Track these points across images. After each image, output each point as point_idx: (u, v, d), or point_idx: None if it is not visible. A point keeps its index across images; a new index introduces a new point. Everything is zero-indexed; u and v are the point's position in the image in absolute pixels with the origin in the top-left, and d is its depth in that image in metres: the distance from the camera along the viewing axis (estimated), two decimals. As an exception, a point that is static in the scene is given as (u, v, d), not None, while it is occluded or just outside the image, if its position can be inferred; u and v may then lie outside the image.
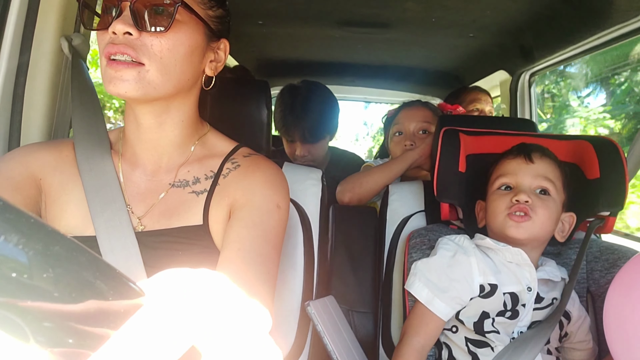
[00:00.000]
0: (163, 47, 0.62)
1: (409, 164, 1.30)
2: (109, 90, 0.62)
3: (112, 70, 0.61)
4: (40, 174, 0.69)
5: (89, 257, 0.19)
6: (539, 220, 0.85)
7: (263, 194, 0.70)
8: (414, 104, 1.45)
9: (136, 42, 0.61)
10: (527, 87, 1.91)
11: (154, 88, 0.63)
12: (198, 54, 0.68)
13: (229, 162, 0.75)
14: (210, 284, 0.21)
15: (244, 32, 1.83)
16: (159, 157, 0.73)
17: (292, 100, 1.49)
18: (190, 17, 0.65)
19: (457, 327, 0.90)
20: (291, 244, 0.98)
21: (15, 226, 0.17)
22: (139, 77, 0.61)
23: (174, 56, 0.63)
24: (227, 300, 0.21)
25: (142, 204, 0.71)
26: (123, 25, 0.60)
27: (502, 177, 0.91)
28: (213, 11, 0.69)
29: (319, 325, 0.92)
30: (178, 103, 0.70)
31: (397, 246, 1.09)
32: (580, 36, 1.39)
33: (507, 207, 0.87)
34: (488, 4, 1.39)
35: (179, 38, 0.63)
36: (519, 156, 0.91)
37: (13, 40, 0.89)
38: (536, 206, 0.85)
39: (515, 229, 0.85)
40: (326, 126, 1.53)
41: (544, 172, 0.89)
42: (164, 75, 0.63)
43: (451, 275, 0.87)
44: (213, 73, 0.73)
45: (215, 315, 0.20)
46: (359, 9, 1.53)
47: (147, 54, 0.61)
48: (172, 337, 0.19)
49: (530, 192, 0.87)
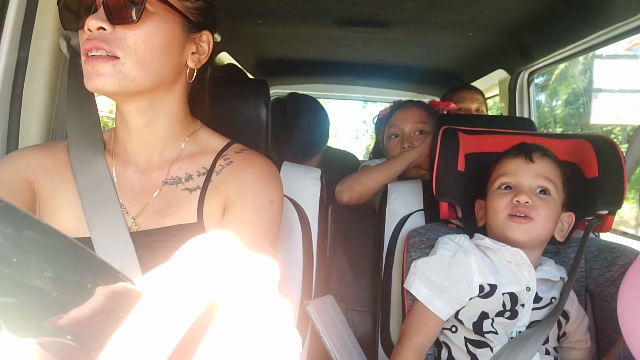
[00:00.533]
0: (137, 39, 0.62)
1: (408, 163, 1.31)
2: (87, 87, 0.62)
3: (88, 66, 0.61)
4: (32, 177, 0.69)
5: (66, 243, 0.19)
6: (540, 222, 0.85)
7: (256, 190, 0.70)
8: (407, 105, 1.44)
9: (110, 37, 0.61)
10: (526, 86, 1.91)
11: (131, 81, 0.62)
12: (176, 46, 0.67)
13: (222, 159, 0.75)
14: (211, 243, 0.21)
15: (243, 31, 1.83)
16: (150, 154, 0.73)
17: (282, 119, 1.46)
18: (164, 7, 0.64)
19: (456, 327, 0.90)
20: (290, 244, 0.98)
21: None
22: (114, 70, 0.61)
23: (149, 48, 0.63)
24: (234, 254, 0.21)
25: (136, 203, 0.71)
26: (96, 20, 0.60)
27: (503, 177, 0.91)
28: (191, 3, 0.69)
29: (318, 325, 0.93)
30: (162, 98, 0.70)
31: (396, 245, 1.10)
32: (578, 35, 1.39)
33: (507, 207, 0.87)
34: (487, 3, 1.39)
35: (153, 29, 0.63)
36: (519, 156, 0.91)
37: (11, 39, 0.89)
38: (537, 207, 0.85)
39: (516, 231, 0.85)
40: (317, 144, 1.52)
41: (544, 172, 0.88)
42: (141, 68, 0.63)
43: (451, 275, 0.87)
44: (196, 65, 0.72)
45: (224, 270, 0.20)
46: (358, 9, 1.53)
47: (121, 47, 0.61)
48: (183, 302, 0.19)
49: (530, 192, 0.87)
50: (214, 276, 0.19)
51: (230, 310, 0.19)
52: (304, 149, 1.46)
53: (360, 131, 12.42)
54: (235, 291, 0.20)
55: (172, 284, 0.19)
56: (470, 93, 1.86)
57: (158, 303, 0.18)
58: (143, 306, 0.18)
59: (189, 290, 0.19)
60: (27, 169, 0.70)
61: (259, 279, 0.21)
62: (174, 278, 0.19)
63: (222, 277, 0.20)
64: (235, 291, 0.20)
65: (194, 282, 0.19)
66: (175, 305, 0.18)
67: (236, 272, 0.20)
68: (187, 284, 0.19)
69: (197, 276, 0.19)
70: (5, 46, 0.89)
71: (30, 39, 0.92)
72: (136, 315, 0.18)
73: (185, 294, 0.18)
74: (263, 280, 0.21)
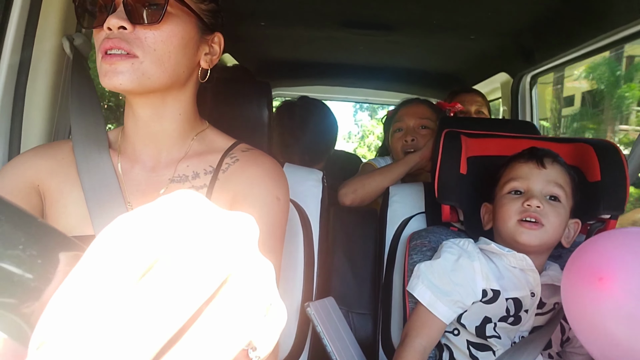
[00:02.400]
0: (157, 39, 0.63)
1: (410, 167, 1.31)
2: (104, 84, 0.63)
3: (106, 64, 0.62)
4: (37, 180, 0.70)
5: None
6: (551, 228, 0.84)
7: (262, 188, 0.71)
8: (413, 101, 1.47)
9: (130, 36, 0.62)
10: (529, 89, 1.91)
11: (149, 78, 0.64)
12: (192, 46, 0.69)
13: (228, 157, 0.76)
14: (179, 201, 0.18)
15: (246, 32, 1.84)
16: (158, 151, 0.74)
17: (290, 122, 1.46)
18: (182, 9, 0.66)
19: (458, 330, 0.89)
20: (292, 245, 0.98)
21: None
22: (133, 68, 0.62)
23: (167, 47, 0.64)
24: (200, 211, 0.18)
25: (143, 200, 0.71)
26: (117, 19, 0.61)
27: (513, 181, 0.89)
28: (205, 5, 0.71)
29: (319, 326, 0.92)
30: (174, 96, 0.71)
31: (398, 248, 1.09)
32: (581, 38, 1.39)
33: (517, 212, 0.86)
34: (489, 6, 1.39)
35: (172, 30, 0.65)
36: (530, 161, 0.90)
37: (15, 39, 0.89)
38: (547, 213, 0.84)
39: (527, 236, 0.84)
40: (325, 149, 1.51)
41: (555, 178, 0.87)
42: (159, 66, 0.64)
43: (454, 279, 0.87)
44: (208, 66, 0.74)
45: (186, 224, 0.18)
46: (360, 11, 1.54)
47: (141, 46, 0.63)
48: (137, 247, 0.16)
49: (541, 197, 0.86)
50: (167, 229, 0.17)
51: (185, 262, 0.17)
52: (311, 153, 1.45)
53: (352, 131, 13.33)
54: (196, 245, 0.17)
55: (119, 238, 0.17)
56: (470, 95, 1.86)
57: (102, 256, 0.16)
58: (86, 258, 0.17)
59: (136, 243, 0.17)
60: (31, 172, 0.70)
61: (236, 235, 0.19)
62: (124, 232, 0.17)
63: (179, 231, 0.17)
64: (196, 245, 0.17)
65: (141, 235, 0.17)
66: (121, 259, 0.16)
67: (199, 226, 0.18)
68: (135, 237, 0.17)
69: (145, 230, 0.17)
70: (8, 46, 0.89)
71: (33, 39, 0.93)
72: (80, 266, 0.16)
73: (132, 247, 0.16)
74: (241, 236, 0.19)
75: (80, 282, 0.16)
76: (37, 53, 0.93)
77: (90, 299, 0.16)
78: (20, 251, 0.18)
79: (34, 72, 0.94)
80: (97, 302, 0.16)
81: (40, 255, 0.18)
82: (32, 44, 0.92)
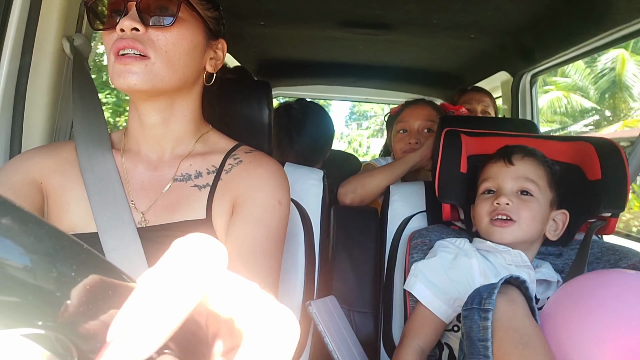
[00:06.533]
0: (168, 41, 0.66)
1: (410, 166, 1.31)
2: (117, 85, 0.64)
3: (120, 64, 0.63)
4: (40, 177, 0.70)
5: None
6: (524, 223, 0.86)
7: (265, 190, 0.72)
8: (419, 103, 1.46)
9: (143, 37, 0.64)
10: (529, 88, 1.91)
11: (161, 80, 0.66)
12: (199, 50, 0.72)
13: (231, 158, 0.76)
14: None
15: (246, 32, 1.84)
16: (162, 152, 0.75)
17: (287, 124, 1.46)
18: (192, 14, 0.69)
19: (458, 327, 0.90)
20: (292, 244, 0.98)
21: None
22: (146, 69, 0.64)
23: (177, 50, 0.67)
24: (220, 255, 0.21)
25: (146, 198, 0.72)
26: (130, 21, 0.63)
27: (485, 182, 0.93)
28: (210, 12, 0.74)
29: (320, 325, 0.92)
30: (182, 98, 0.73)
31: (398, 246, 1.10)
32: (581, 37, 1.39)
33: (489, 212, 0.89)
34: (489, 5, 1.39)
35: (182, 33, 0.67)
36: (500, 160, 0.93)
37: (15, 40, 0.90)
38: (518, 208, 0.86)
39: (499, 234, 0.87)
40: (321, 152, 1.51)
41: (524, 173, 0.89)
42: (169, 67, 0.66)
43: (452, 276, 0.87)
44: (213, 70, 0.77)
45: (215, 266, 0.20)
46: (360, 10, 1.53)
47: (153, 47, 0.65)
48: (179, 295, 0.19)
49: (511, 194, 0.88)
50: (206, 271, 0.20)
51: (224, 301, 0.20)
52: (307, 155, 1.45)
53: (344, 132, 14.09)
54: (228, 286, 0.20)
55: (166, 277, 0.19)
56: (478, 94, 1.86)
57: (154, 294, 0.18)
58: (138, 297, 0.19)
59: (183, 282, 0.19)
60: (34, 170, 0.70)
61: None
62: (168, 272, 0.19)
63: (213, 272, 0.20)
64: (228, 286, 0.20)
65: (187, 275, 0.19)
66: (170, 297, 0.19)
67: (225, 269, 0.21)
68: (181, 278, 0.19)
69: (189, 270, 0.19)
70: (9, 47, 0.89)
71: (33, 40, 0.93)
72: (131, 304, 0.18)
73: (179, 286, 0.19)
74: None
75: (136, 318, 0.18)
76: (37, 54, 0.93)
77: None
78: (72, 278, 0.19)
79: (35, 72, 0.94)
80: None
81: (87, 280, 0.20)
82: (32, 45, 0.93)
